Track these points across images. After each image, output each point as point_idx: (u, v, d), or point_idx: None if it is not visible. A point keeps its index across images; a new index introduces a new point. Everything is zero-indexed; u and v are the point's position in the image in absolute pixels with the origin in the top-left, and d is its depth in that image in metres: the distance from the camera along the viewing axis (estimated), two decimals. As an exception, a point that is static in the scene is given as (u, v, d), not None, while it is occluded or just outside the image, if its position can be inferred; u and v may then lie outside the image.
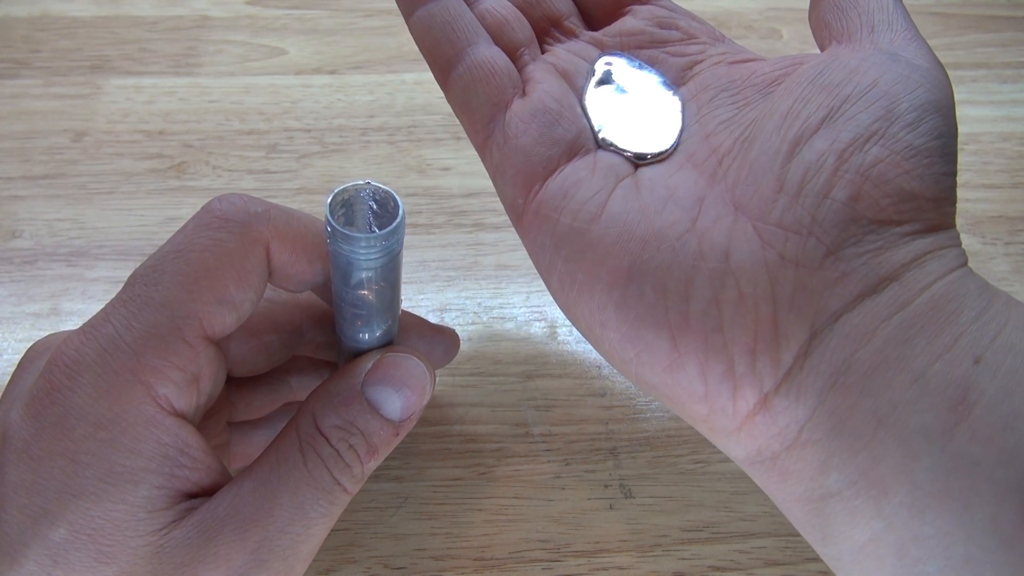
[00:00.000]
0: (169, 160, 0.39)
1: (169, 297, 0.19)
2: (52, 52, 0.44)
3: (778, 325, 0.19)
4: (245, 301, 0.21)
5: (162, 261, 0.20)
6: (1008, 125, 0.42)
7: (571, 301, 0.21)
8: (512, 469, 0.29)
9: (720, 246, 0.20)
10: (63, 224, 0.36)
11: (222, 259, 0.20)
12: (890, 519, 0.17)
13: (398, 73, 0.44)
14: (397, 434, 0.21)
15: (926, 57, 0.21)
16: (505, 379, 0.32)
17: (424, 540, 0.28)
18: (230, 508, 0.19)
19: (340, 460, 0.20)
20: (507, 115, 0.23)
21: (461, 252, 0.36)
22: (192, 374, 0.20)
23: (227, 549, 0.19)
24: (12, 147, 0.39)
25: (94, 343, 0.19)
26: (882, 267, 0.19)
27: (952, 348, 0.17)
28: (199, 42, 0.45)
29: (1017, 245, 0.37)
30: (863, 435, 0.18)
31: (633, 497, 0.29)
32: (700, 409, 0.20)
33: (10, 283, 0.34)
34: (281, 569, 0.20)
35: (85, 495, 0.18)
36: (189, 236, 0.20)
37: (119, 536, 0.18)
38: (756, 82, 0.23)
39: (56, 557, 0.18)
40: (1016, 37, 0.48)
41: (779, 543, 0.28)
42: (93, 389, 0.19)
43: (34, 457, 0.18)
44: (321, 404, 0.21)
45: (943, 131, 0.19)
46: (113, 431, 0.18)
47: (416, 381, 0.22)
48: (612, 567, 0.27)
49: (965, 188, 0.39)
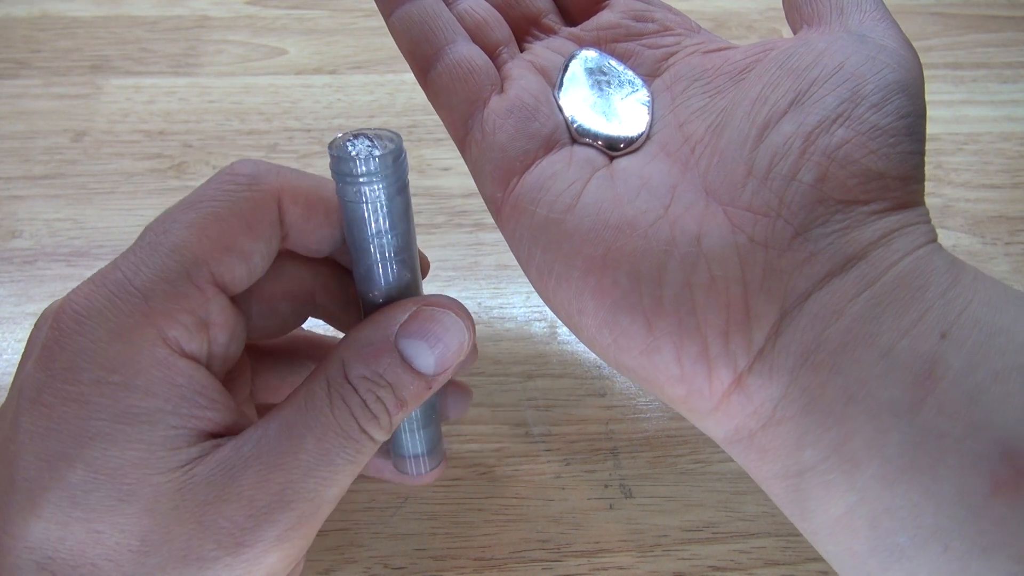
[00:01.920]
0: (169, 160, 0.39)
1: (178, 243, 0.20)
2: (52, 52, 0.44)
3: (749, 306, 0.19)
4: (255, 252, 0.21)
5: (173, 212, 0.21)
6: (1008, 125, 0.42)
7: (550, 291, 0.22)
8: (512, 469, 0.29)
9: (691, 231, 0.20)
10: (63, 224, 0.36)
11: (231, 208, 0.20)
12: (862, 492, 0.18)
13: (398, 73, 0.44)
14: (430, 387, 0.21)
15: (894, 37, 0.21)
16: (505, 379, 0.32)
17: (424, 540, 0.28)
18: (255, 449, 0.19)
19: (367, 411, 0.20)
20: (485, 112, 0.24)
21: (461, 252, 0.36)
22: (202, 319, 0.20)
23: (251, 489, 0.19)
24: (12, 147, 0.39)
25: (103, 289, 0.19)
26: (849, 246, 0.19)
27: (918, 324, 0.18)
28: (199, 42, 0.45)
29: (1017, 245, 0.37)
30: (834, 411, 0.18)
31: (633, 497, 0.29)
32: (678, 390, 0.20)
33: (10, 283, 0.34)
34: (307, 511, 0.20)
35: (100, 437, 0.18)
36: (201, 190, 0.21)
37: (138, 474, 0.18)
38: (728, 70, 0.23)
39: (75, 499, 0.18)
40: (1016, 37, 0.48)
41: (779, 543, 0.28)
42: (103, 333, 0.19)
43: (46, 404, 0.18)
44: (351, 352, 0.21)
45: (909, 111, 0.20)
46: (125, 374, 0.19)
47: (452, 337, 0.22)
48: (612, 567, 0.27)
49: (965, 188, 0.39)
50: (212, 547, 0.18)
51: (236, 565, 0.19)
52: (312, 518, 0.20)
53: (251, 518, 0.19)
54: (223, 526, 0.18)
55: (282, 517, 0.19)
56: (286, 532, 0.19)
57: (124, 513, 0.18)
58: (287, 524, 0.19)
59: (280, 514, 0.19)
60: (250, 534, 0.19)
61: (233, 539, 0.19)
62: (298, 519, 0.19)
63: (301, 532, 0.20)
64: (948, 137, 0.42)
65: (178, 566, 0.18)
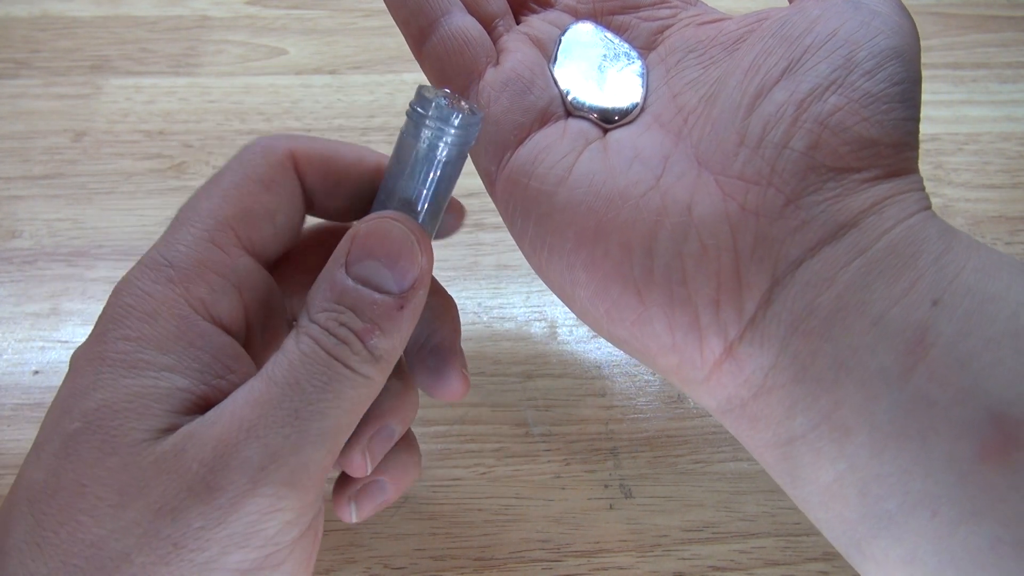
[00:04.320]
0: (169, 160, 0.39)
1: (201, 213, 0.20)
2: (52, 52, 0.44)
3: (740, 275, 0.19)
4: (277, 211, 0.21)
5: (196, 192, 0.21)
6: (1008, 125, 0.42)
7: (543, 263, 0.22)
8: (512, 469, 0.29)
9: (682, 201, 0.20)
10: (63, 224, 0.36)
11: (248, 173, 0.21)
12: (852, 459, 0.18)
13: (398, 73, 0.44)
14: (402, 306, 0.20)
15: (889, 3, 0.21)
16: (505, 379, 0.32)
17: (424, 540, 0.28)
18: (234, 402, 0.18)
19: (332, 337, 0.19)
20: (480, 85, 0.23)
21: (461, 252, 0.36)
22: (230, 282, 0.20)
23: (223, 432, 0.18)
24: (12, 147, 0.39)
25: (138, 266, 0.20)
26: (841, 214, 0.19)
27: (910, 292, 0.18)
28: (199, 42, 0.45)
29: (1017, 245, 0.37)
30: (824, 379, 0.18)
31: (633, 497, 0.29)
32: (670, 360, 0.20)
33: (10, 283, 0.34)
34: (277, 444, 0.18)
35: (103, 387, 0.18)
36: (222, 168, 0.22)
37: (127, 426, 0.18)
38: (723, 40, 0.23)
39: (67, 447, 0.18)
40: (1016, 37, 0.48)
41: (779, 543, 0.28)
42: (131, 299, 0.19)
43: (76, 368, 0.19)
44: (310, 296, 0.20)
45: (903, 77, 0.20)
46: (144, 331, 0.19)
47: (402, 246, 0.20)
48: (612, 567, 0.27)
49: (965, 188, 0.39)
50: (185, 495, 0.17)
51: (209, 513, 0.17)
52: (296, 467, 0.18)
53: (219, 458, 0.17)
54: (191, 467, 0.17)
55: (249, 451, 0.17)
56: (259, 473, 0.17)
57: (106, 466, 0.18)
58: (259, 461, 0.17)
59: (246, 447, 0.18)
60: (219, 474, 0.17)
61: (203, 482, 0.17)
62: (269, 456, 0.18)
63: (279, 478, 0.18)
64: (948, 137, 0.42)
65: (152, 518, 0.17)
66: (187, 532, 0.17)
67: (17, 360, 0.32)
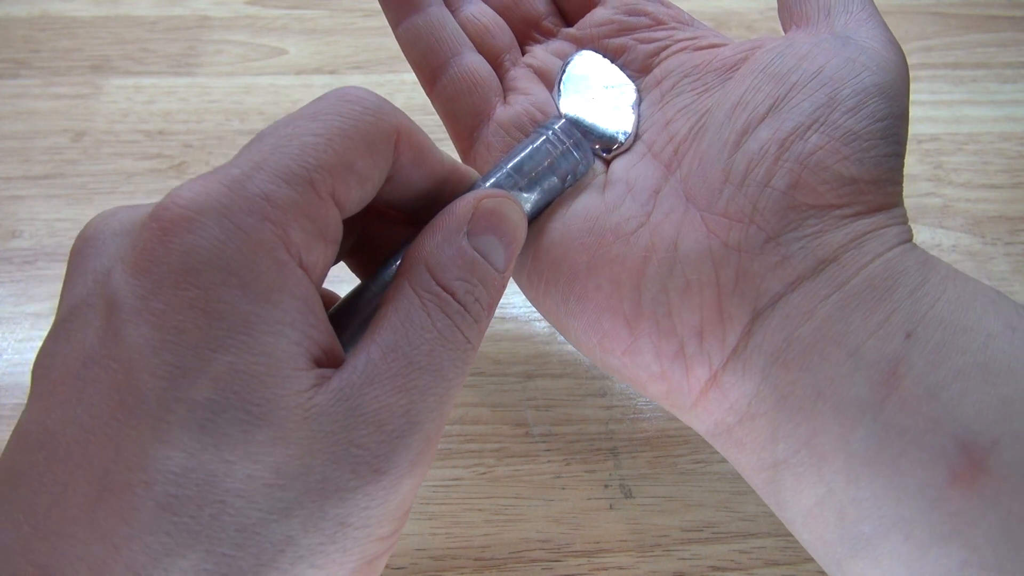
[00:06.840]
0: (169, 160, 0.39)
1: (304, 147, 0.18)
2: (52, 52, 0.44)
3: (722, 308, 0.20)
4: (370, 180, 0.19)
5: (294, 119, 0.18)
6: (1008, 125, 0.42)
7: (539, 296, 0.23)
8: (512, 469, 0.29)
9: (669, 238, 0.21)
10: (63, 224, 0.36)
11: (356, 128, 0.18)
12: (830, 484, 0.18)
13: (398, 73, 0.44)
14: (504, 284, 0.20)
15: (878, 38, 0.22)
16: (505, 379, 0.32)
17: (424, 540, 0.28)
18: (364, 376, 0.17)
19: (468, 316, 0.19)
20: (489, 127, 0.24)
21: (461, 252, 0.36)
22: (322, 229, 0.18)
23: (377, 415, 0.17)
24: (12, 147, 0.39)
25: (217, 185, 0.17)
26: (821, 249, 0.20)
27: (885, 324, 0.18)
28: (199, 42, 0.45)
29: (1017, 245, 0.37)
30: (804, 407, 0.19)
31: (633, 497, 0.29)
32: (660, 387, 0.21)
33: (10, 283, 0.34)
34: (431, 431, 0.18)
35: (225, 348, 0.16)
36: (323, 102, 0.19)
37: (266, 393, 0.16)
38: (717, 67, 0.23)
39: (204, 422, 0.15)
40: (1016, 37, 0.48)
41: (779, 543, 0.28)
42: (218, 231, 0.16)
43: (155, 312, 0.16)
44: (435, 258, 0.19)
45: (886, 113, 0.20)
46: (244, 276, 0.16)
47: (515, 228, 0.20)
48: (612, 567, 0.27)
49: (965, 188, 0.39)
50: (349, 476, 0.17)
51: (375, 494, 0.17)
52: (434, 439, 0.19)
53: (384, 443, 0.17)
54: (357, 454, 0.17)
55: (412, 440, 0.18)
56: (418, 456, 0.18)
57: (255, 441, 0.16)
58: (418, 447, 0.18)
59: (410, 436, 0.18)
60: (385, 460, 0.17)
61: (369, 467, 0.17)
62: (426, 441, 0.18)
63: (428, 455, 0.18)
64: (948, 137, 0.42)
65: (317, 499, 0.16)
66: (353, 511, 0.17)
67: (17, 360, 0.32)
